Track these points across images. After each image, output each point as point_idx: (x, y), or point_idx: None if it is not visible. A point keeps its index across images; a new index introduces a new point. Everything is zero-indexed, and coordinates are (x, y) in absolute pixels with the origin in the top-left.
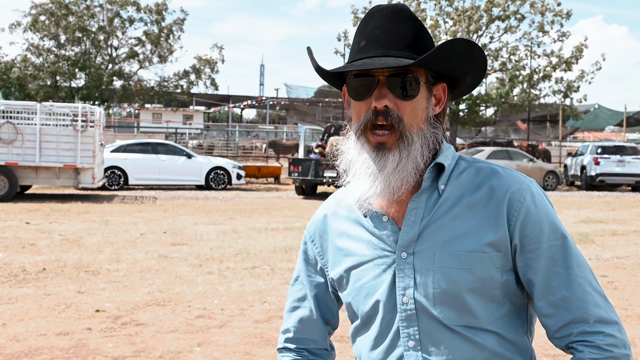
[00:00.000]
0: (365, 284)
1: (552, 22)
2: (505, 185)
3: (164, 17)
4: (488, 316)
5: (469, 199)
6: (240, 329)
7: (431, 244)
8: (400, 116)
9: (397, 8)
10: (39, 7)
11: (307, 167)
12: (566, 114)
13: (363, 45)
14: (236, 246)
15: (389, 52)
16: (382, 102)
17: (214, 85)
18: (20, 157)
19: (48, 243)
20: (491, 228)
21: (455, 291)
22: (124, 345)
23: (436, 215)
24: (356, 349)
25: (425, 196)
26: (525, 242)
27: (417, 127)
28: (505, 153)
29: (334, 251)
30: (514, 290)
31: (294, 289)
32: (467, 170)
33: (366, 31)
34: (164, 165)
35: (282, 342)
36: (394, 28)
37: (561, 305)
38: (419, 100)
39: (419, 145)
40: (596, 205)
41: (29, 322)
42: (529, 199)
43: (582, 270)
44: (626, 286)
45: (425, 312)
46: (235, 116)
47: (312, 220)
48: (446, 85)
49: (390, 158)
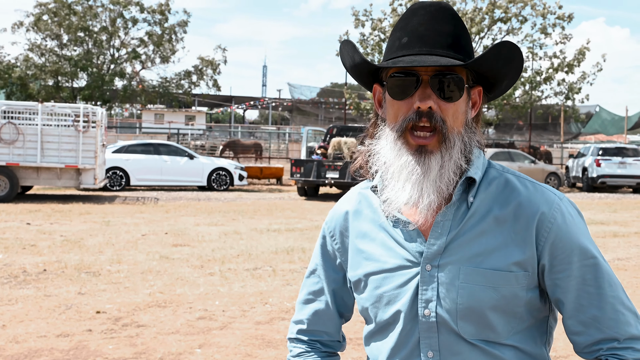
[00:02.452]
0: (387, 293)
1: (554, 24)
2: (535, 204)
3: (167, 17)
4: (508, 331)
5: (497, 213)
6: (242, 331)
7: (457, 259)
8: (443, 118)
9: (442, 6)
10: (42, 6)
11: (309, 168)
12: (568, 115)
13: (405, 42)
14: (238, 247)
15: (433, 51)
16: (427, 103)
17: (217, 86)
18: (21, 157)
19: (49, 244)
20: (519, 246)
21: (478, 308)
22: (124, 347)
23: (464, 229)
24: (371, 352)
25: (454, 208)
26: (555, 262)
27: (457, 130)
28: (507, 154)
29: (354, 252)
30: (537, 306)
31: (309, 281)
32: (497, 180)
33: (409, 27)
34: (165, 166)
35: (295, 333)
36: (438, 26)
37: (592, 324)
38: (461, 103)
39: (459, 149)
40: (597, 206)
41: (29, 324)
42: (560, 219)
43: (614, 289)
44: (627, 288)
45: (445, 325)
46: (237, 117)
47: (333, 214)
48: (482, 89)
49: (434, 162)
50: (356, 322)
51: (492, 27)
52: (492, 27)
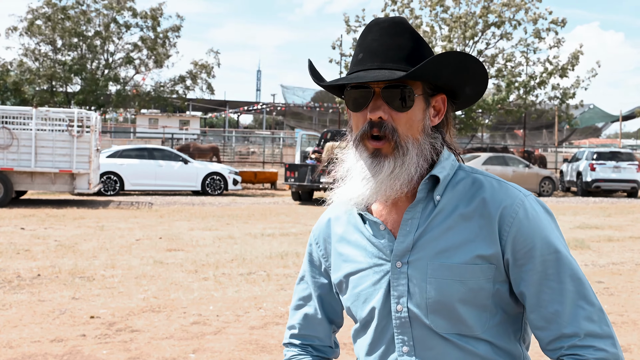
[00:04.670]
0: (363, 291)
1: (548, 29)
2: (498, 199)
3: (159, 22)
4: (480, 325)
5: (463, 210)
6: (236, 336)
7: (425, 254)
8: (394, 127)
9: (395, 21)
10: (35, 11)
11: (303, 173)
12: (562, 119)
13: (360, 58)
14: (232, 252)
15: (384, 65)
16: (377, 114)
17: (210, 90)
18: (15, 162)
19: (43, 249)
20: (484, 241)
21: (447, 301)
22: (118, 352)
23: (431, 225)
24: (356, 350)
25: (421, 206)
26: (517, 256)
27: (413, 137)
28: (501, 159)
29: (336, 255)
30: (507, 300)
31: (299, 287)
32: (464, 180)
33: (364, 44)
34: (160, 171)
35: (288, 338)
36: (391, 41)
37: (553, 319)
38: (415, 112)
39: (414, 155)
40: (592, 211)
41: (23, 329)
42: (522, 214)
43: (576, 284)
44: (622, 292)
45: (418, 320)
46: (232, 122)
47: (318, 223)
48: (446, 97)
49: (386, 165)
50: (350, 327)
51: (486, 31)
52: (486, 31)
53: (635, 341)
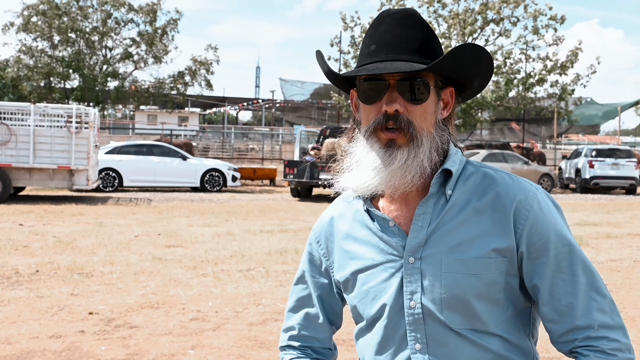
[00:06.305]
0: (373, 288)
1: (547, 26)
2: (512, 193)
3: (156, 17)
4: (493, 320)
5: (476, 204)
6: (235, 332)
7: (438, 249)
8: (410, 120)
9: (407, 13)
10: (30, 8)
11: (302, 170)
12: (561, 115)
13: (373, 50)
14: (231, 248)
15: (399, 57)
16: (393, 106)
17: (209, 86)
18: (13, 158)
19: (41, 245)
20: (498, 234)
21: (462, 296)
22: (117, 348)
23: (443, 220)
24: (360, 350)
25: (433, 201)
26: (532, 249)
27: (427, 130)
28: (500, 156)
29: (340, 253)
30: (516, 294)
31: (297, 288)
32: (474, 175)
33: (376, 35)
34: (158, 167)
35: (286, 340)
36: (404, 32)
37: (566, 311)
38: (429, 104)
39: (427, 148)
40: (590, 208)
41: (22, 325)
42: (536, 207)
43: (588, 276)
44: (620, 289)
45: (432, 316)
46: (230, 118)
47: (319, 222)
48: (454, 90)
49: (399, 156)
50: (349, 324)
51: (485, 28)
52: (485, 28)
53: (633, 337)
